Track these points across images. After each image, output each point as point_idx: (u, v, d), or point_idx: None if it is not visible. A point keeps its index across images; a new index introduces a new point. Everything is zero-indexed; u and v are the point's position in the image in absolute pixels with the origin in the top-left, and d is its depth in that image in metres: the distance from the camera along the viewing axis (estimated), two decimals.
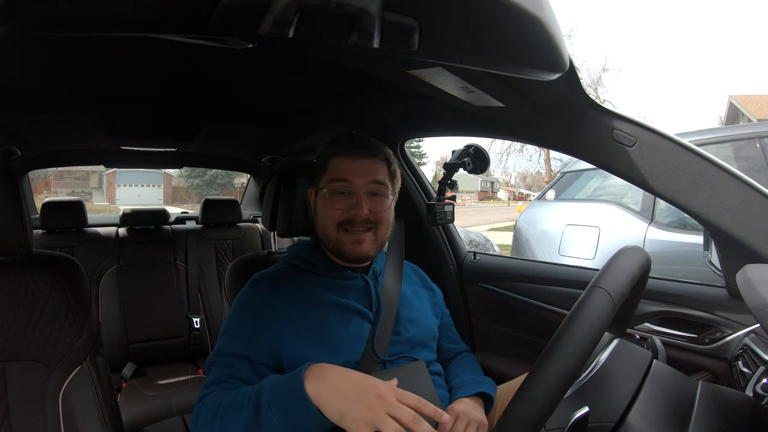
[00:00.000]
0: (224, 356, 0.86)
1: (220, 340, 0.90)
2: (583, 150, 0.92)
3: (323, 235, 0.95)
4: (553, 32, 0.53)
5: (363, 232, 0.92)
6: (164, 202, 24.85)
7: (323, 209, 0.94)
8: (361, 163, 0.93)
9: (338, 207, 0.91)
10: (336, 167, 0.93)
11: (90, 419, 0.93)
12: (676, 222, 2.69)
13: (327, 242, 0.95)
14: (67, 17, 0.38)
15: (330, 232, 0.93)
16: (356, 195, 0.91)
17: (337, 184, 0.92)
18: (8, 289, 0.95)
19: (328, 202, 0.92)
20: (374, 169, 0.94)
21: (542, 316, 1.28)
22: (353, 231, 0.92)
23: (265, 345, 0.86)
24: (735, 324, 0.95)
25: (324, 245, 0.97)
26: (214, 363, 0.87)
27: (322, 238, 0.96)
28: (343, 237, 0.92)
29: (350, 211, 0.91)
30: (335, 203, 0.92)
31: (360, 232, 0.92)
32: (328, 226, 0.93)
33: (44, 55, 0.92)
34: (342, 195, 0.92)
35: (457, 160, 1.29)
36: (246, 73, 1.10)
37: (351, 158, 0.93)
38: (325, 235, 0.94)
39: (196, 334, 2.14)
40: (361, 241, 0.92)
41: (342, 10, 0.41)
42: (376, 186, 0.93)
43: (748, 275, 0.67)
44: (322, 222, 0.94)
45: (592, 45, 51.50)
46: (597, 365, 0.67)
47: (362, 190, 0.91)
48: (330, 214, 0.92)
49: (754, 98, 12.90)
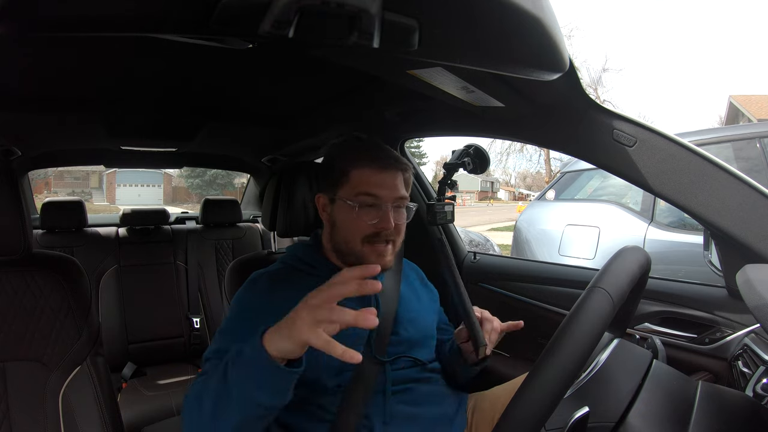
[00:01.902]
0: (220, 354, 0.87)
1: (216, 337, 0.90)
2: (583, 150, 0.92)
3: (345, 246, 0.93)
4: (553, 32, 0.53)
5: (385, 245, 0.92)
6: (164, 202, 24.85)
7: (348, 221, 0.92)
8: (387, 177, 0.92)
9: (366, 219, 0.90)
10: (361, 180, 0.91)
11: (90, 419, 0.93)
12: (676, 222, 2.69)
13: (347, 254, 0.93)
14: (67, 17, 0.38)
15: (354, 245, 0.91)
16: (383, 209, 0.90)
17: (366, 198, 0.90)
18: (8, 289, 0.95)
19: (355, 216, 0.91)
20: (398, 183, 0.93)
21: (542, 316, 1.28)
22: (377, 244, 0.91)
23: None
24: (735, 324, 0.95)
25: (338, 255, 0.96)
26: (209, 360, 0.87)
27: (339, 248, 0.95)
28: (367, 250, 0.91)
29: (378, 225, 0.89)
30: (363, 215, 0.90)
31: (383, 245, 0.91)
32: (352, 240, 0.91)
33: (44, 55, 0.92)
34: (370, 208, 0.90)
35: (457, 160, 1.29)
36: (246, 73, 1.10)
37: (377, 171, 0.91)
38: (347, 247, 0.93)
39: (196, 334, 2.14)
40: (384, 254, 0.91)
41: (342, 10, 0.41)
42: (400, 201, 0.93)
43: (748, 275, 0.67)
44: (345, 234, 0.93)
45: (592, 45, 51.44)
46: (597, 365, 0.67)
47: (389, 203, 0.90)
48: (357, 227, 0.90)
49: (754, 98, 12.90)
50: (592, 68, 21.48)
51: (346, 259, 0.94)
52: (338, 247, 0.95)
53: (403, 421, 0.88)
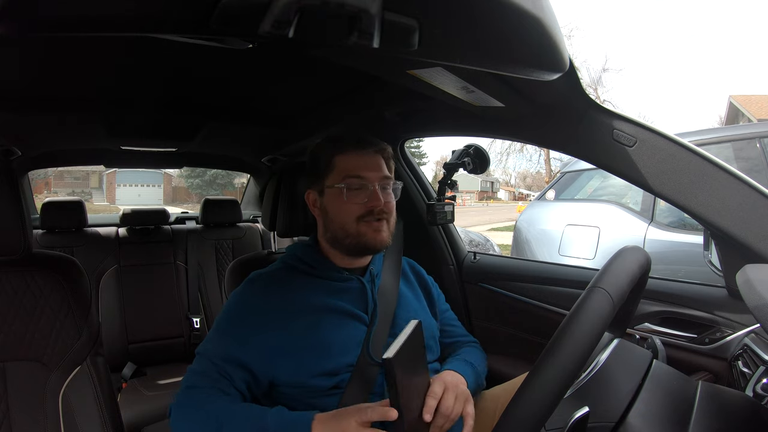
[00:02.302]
0: (212, 353, 0.88)
1: (211, 335, 0.91)
2: (583, 150, 0.92)
3: (341, 232, 0.95)
4: (553, 32, 0.53)
5: (378, 222, 0.94)
6: (164, 202, 24.84)
7: (339, 206, 0.94)
8: (370, 159, 0.96)
9: (356, 201, 0.93)
10: (346, 164, 0.94)
11: (90, 419, 0.94)
12: (676, 222, 2.69)
13: (344, 238, 0.94)
14: (66, 17, 0.38)
15: (350, 226, 0.93)
16: (371, 188, 0.93)
17: (353, 181, 0.93)
18: (8, 289, 0.95)
19: (346, 198, 0.93)
20: (381, 164, 0.97)
21: (542, 316, 1.28)
22: (371, 221, 0.93)
23: (254, 346, 0.86)
24: (735, 324, 0.95)
25: (337, 244, 0.97)
26: (201, 355, 0.89)
27: (337, 236, 0.96)
28: (363, 228, 0.93)
29: (369, 204, 0.92)
30: (353, 197, 0.93)
31: (377, 222, 0.94)
32: (347, 221, 0.93)
33: (44, 56, 0.92)
34: (359, 190, 0.93)
35: (457, 160, 1.29)
36: (246, 73, 1.10)
37: (359, 154, 0.95)
38: (343, 231, 0.94)
39: (196, 334, 2.15)
40: (380, 230, 0.94)
41: (342, 10, 0.41)
42: (385, 180, 0.96)
43: (748, 275, 0.67)
44: (339, 218, 0.94)
45: (592, 45, 51.40)
46: (597, 365, 0.67)
47: (376, 183, 0.94)
48: (348, 209, 0.93)
49: (754, 98, 12.89)
50: (592, 68, 21.50)
51: (345, 243, 0.95)
52: (335, 234, 0.96)
53: None
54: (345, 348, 0.89)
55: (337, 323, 0.91)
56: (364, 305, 0.95)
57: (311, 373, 0.86)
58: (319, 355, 0.87)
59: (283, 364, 0.86)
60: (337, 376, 0.87)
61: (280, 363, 0.86)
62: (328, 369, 0.86)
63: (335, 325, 0.90)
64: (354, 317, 0.93)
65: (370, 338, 0.91)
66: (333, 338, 0.89)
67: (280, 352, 0.86)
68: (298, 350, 0.87)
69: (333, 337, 0.89)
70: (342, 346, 0.89)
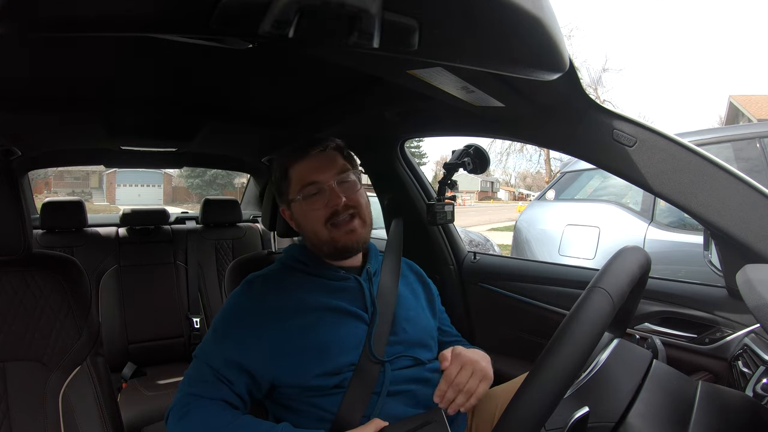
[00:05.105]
0: (210, 356, 0.88)
1: (208, 337, 0.91)
2: (583, 150, 0.92)
3: (316, 240, 0.96)
4: (553, 32, 0.53)
5: (349, 221, 0.94)
6: (164, 202, 24.84)
7: (305, 216, 0.96)
8: (318, 160, 0.96)
9: (318, 207, 0.94)
10: (299, 175, 0.96)
11: (90, 419, 0.94)
12: (676, 222, 2.69)
13: (321, 245, 0.96)
14: (66, 17, 0.38)
15: (321, 233, 0.94)
16: (328, 189, 0.94)
17: (309, 188, 0.94)
18: (8, 289, 0.95)
19: (306, 207, 0.95)
20: (332, 161, 0.97)
21: (542, 316, 1.28)
22: (340, 223, 0.93)
23: (253, 347, 0.87)
24: (735, 324, 0.95)
25: (318, 251, 0.98)
26: (199, 359, 0.89)
27: (315, 243, 0.97)
28: (334, 233, 0.93)
29: (329, 205, 0.93)
30: (313, 204, 0.94)
31: (347, 222, 0.94)
32: (317, 229, 0.94)
33: (44, 55, 0.92)
34: (317, 195, 0.94)
35: (457, 160, 1.29)
36: (246, 73, 1.10)
37: (308, 159, 0.96)
38: (317, 239, 0.95)
39: (196, 334, 2.15)
40: (352, 230, 0.94)
41: (342, 10, 0.41)
42: (341, 175, 0.96)
43: (748, 275, 0.67)
44: (310, 228, 0.96)
45: (592, 45, 51.38)
46: (597, 365, 0.67)
47: (331, 182, 0.94)
48: (313, 216, 0.94)
49: (754, 98, 12.89)
50: (592, 68, 21.41)
51: (324, 250, 0.96)
52: (313, 243, 0.98)
53: None
54: (345, 347, 0.89)
55: (335, 322, 0.91)
56: (362, 304, 0.96)
57: (313, 374, 0.86)
58: (320, 354, 0.87)
59: (283, 365, 0.86)
60: (338, 375, 0.87)
61: (281, 364, 0.86)
62: (330, 368, 0.87)
63: (334, 323, 0.91)
64: (353, 316, 0.93)
65: (371, 337, 0.91)
66: (332, 337, 0.89)
67: (279, 353, 0.86)
68: (298, 350, 0.87)
69: (332, 336, 0.89)
70: (342, 345, 0.89)
